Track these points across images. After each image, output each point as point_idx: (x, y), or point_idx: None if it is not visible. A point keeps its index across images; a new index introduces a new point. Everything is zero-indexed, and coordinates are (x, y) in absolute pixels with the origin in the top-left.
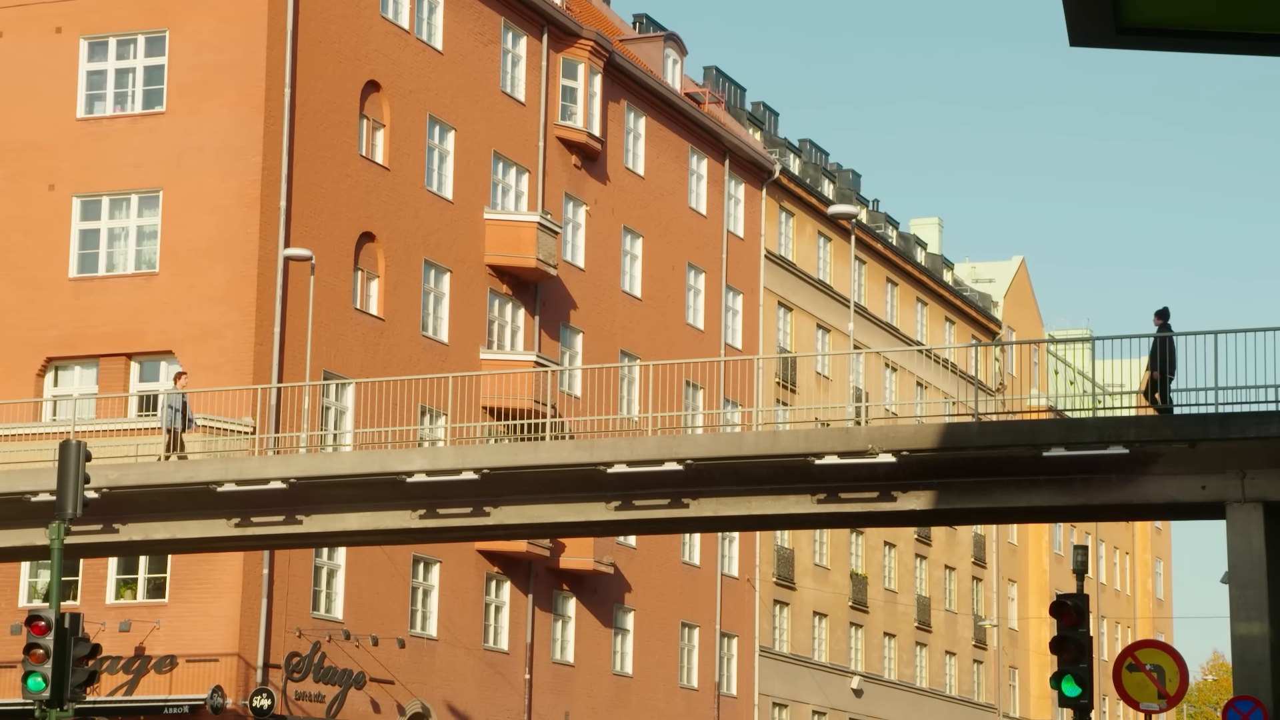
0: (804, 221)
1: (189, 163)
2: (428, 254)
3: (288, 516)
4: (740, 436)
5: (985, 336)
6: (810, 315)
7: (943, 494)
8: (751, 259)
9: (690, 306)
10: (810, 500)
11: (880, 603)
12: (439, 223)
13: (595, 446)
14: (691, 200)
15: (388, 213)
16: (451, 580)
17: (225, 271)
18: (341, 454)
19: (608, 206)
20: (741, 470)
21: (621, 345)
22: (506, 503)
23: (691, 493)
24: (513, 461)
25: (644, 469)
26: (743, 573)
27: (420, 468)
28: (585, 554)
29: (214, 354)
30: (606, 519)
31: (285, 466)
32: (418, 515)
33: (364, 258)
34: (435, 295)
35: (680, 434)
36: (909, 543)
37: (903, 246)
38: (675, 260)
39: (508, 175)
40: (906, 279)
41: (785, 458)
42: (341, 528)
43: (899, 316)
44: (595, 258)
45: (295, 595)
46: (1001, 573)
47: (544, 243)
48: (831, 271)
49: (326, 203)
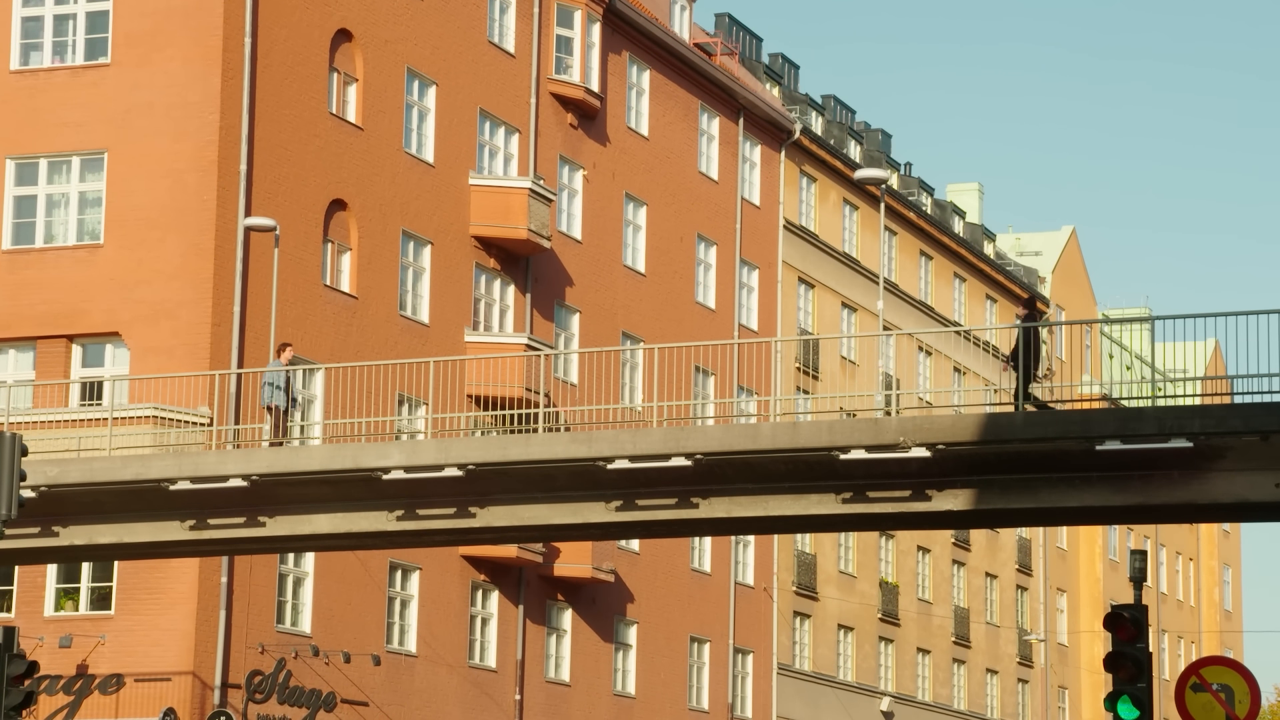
0: (827, 188)
1: (137, 121)
2: (406, 224)
3: (249, 518)
4: (756, 428)
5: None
6: (834, 293)
7: (983, 493)
8: (768, 230)
9: (700, 283)
10: (834, 500)
11: (913, 615)
12: (418, 189)
13: (594, 439)
14: (701, 164)
15: (361, 178)
16: (433, 589)
17: (178, 243)
18: (309, 448)
19: (607, 171)
20: (757, 466)
21: (623, 326)
22: (494, 502)
23: (701, 491)
24: (501, 456)
25: (648, 465)
26: (759, 581)
27: (398, 463)
28: (583, 560)
29: (166, 336)
30: (606, 520)
31: (246, 462)
32: (395, 517)
33: (334, 228)
34: (414, 270)
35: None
36: (945, 547)
37: (938, 215)
38: (683, 231)
39: (495, 136)
40: (943, 252)
41: (806, 452)
42: (309, 530)
43: (934, 294)
44: (594, 228)
45: (257, 606)
46: (1049, 581)
47: (536, 211)
48: (858, 244)
49: (292, 166)
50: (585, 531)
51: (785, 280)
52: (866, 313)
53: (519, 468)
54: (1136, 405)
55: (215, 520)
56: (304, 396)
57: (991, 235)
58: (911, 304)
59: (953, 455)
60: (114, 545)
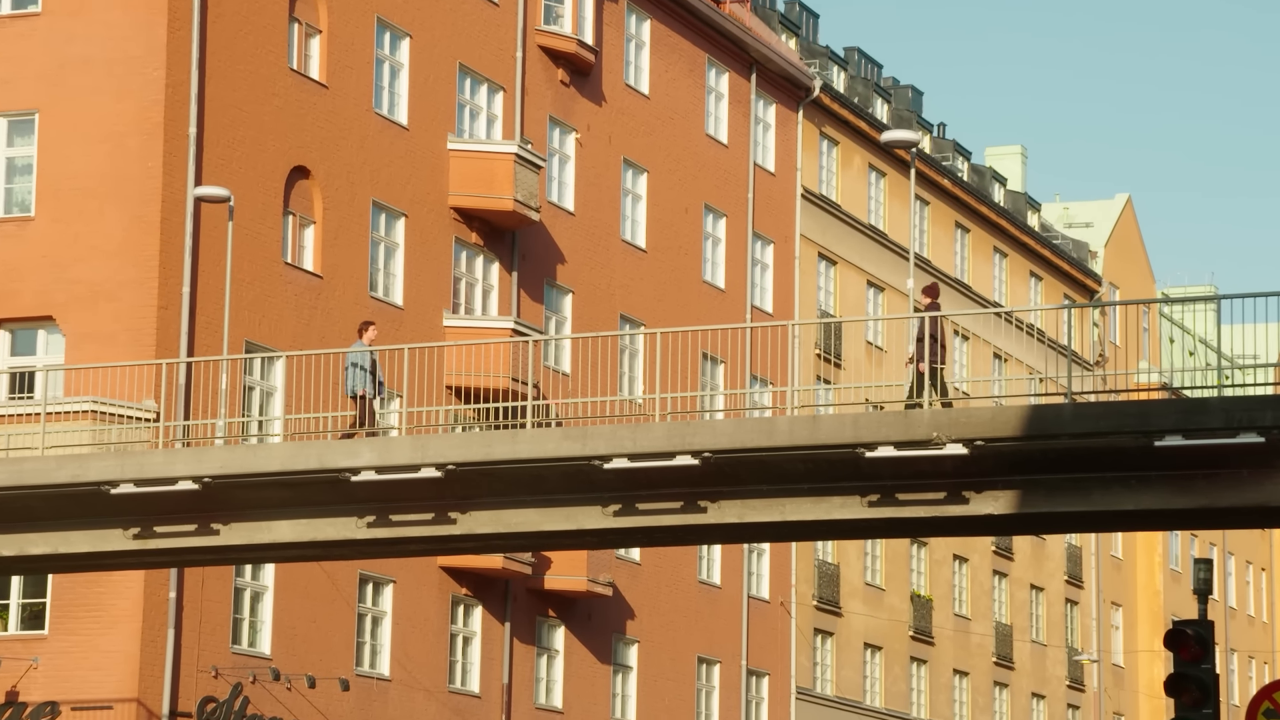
0: (851, 152)
1: (72, 78)
2: (377, 194)
3: (201, 525)
4: (771, 423)
5: (1081, 296)
6: (859, 270)
7: (1028, 494)
8: (785, 200)
9: (708, 260)
10: (860, 503)
11: (949, 632)
12: (390, 155)
13: (589, 436)
14: (709, 126)
15: (326, 142)
16: (408, 605)
17: (119, 216)
18: (269, 446)
19: (603, 134)
20: (773, 465)
21: (621, 309)
22: (477, 507)
23: (710, 494)
24: (485, 455)
25: (650, 464)
26: (775, 595)
27: (368, 463)
28: (577, 571)
29: (106, 320)
30: (603, 526)
31: (197, 462)
32: (365, 523)
33: (296, 199)
34: (386, 246)
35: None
36: (985, 556)
37: (976, 183)
38: (689, 201)
39: (477, 95)
40: (981, 224)
41: (828, 449)
42: (269, 539)
43: (972, 271)
44: (588, 199)
45: (210, 625)
46: (1103, 594)
47: (523, 180)
48: (886, 215)
49: (248, 129)
50: (580, 539)
51: (804, 256)
52: (895, 292)
53: (505, 468)
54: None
55: (162, 528)
56: (261, 388)
57: (1036, 205)
58: (946, 282)
59: (993, 452)
60: (48, 556)
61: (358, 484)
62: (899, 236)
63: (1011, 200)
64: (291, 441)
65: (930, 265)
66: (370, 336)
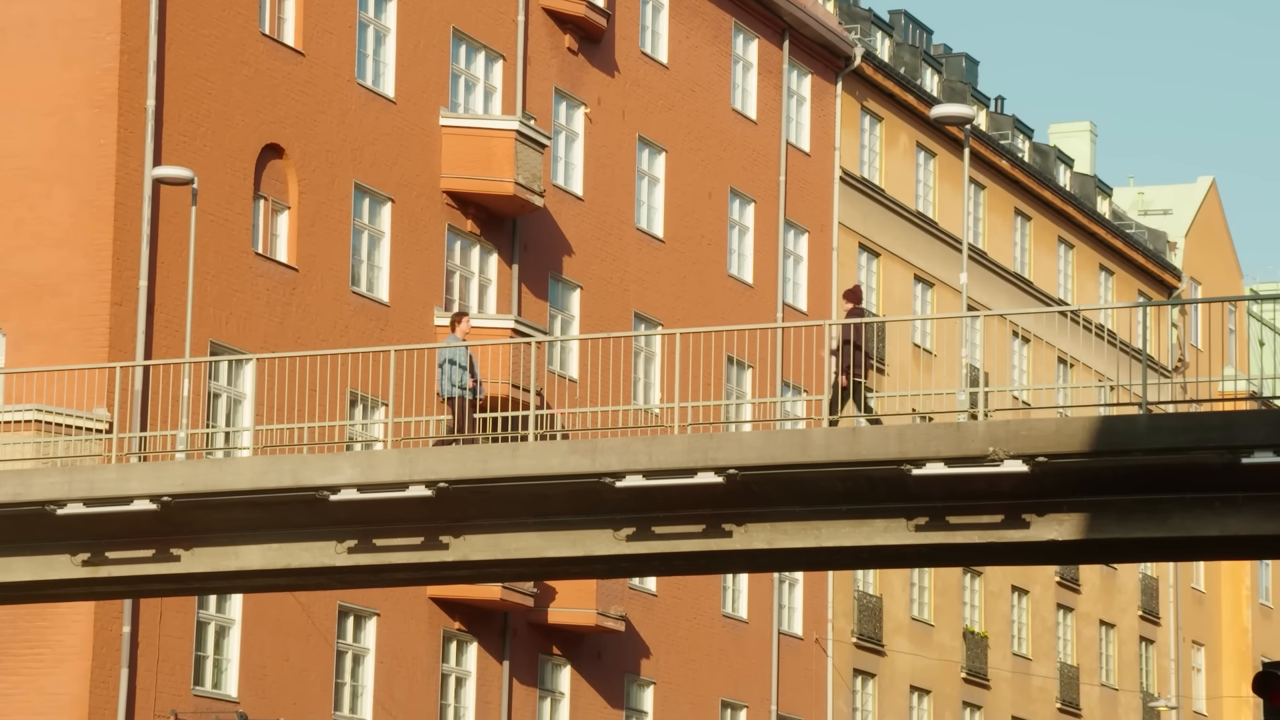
0: (896, 129)
1: (14, 43)
2: (360, 176)
3: (159, 550)
4: (805, 436)
5: (1159, 293)
6: (905, 263)
7: (1096, 518)
8: (821, 183)
9: (734, 251)
10: (905, 527)
11: (1007, 674)
12: (375, 131)
13: (599, 450)
14: (736, 99)
15: (302, 117)
16: (394, 641)
17: (68, 200)
18: (237, 461)
19: (616, 108)
20: (807, 484)
21: (636, 306)
22: (472, 530)
23: (736, 516)
24: (481, 471)
25: (668, 481)
26: (810, 631)
27: (349, 480)
28: (585, 603)
29: (52, 318)
30: (615, 553)
31: (155, 479)
32: (345, 548)
33: (269, 181)
34: (370, 235)
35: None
36: (1048, 588)
37: (1039, 164)
38: (712, 185)
39: (473, 63)
40: (1044, 211)
41: (870, 466)
42: (236, 566)
43: (1033, 264)
44: (598, 182)
45: (169, 663)
46: (1183, 632)
47: (525, 160)
48: (936, 201)
49: (214, 102)
50: (588, 567)
51: (842, 247)
52: (946, 289)
53: (504, 486)
54: None
55: (115, 553)
56: (229, 395)
57: (1107, 189)
58: (1004, 277)
59: (1057, 470)
60: None
61: (337, 504)
62: (950, 225)
63: (1079, 184)
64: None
65: (986, 258)
66: (465, 329)
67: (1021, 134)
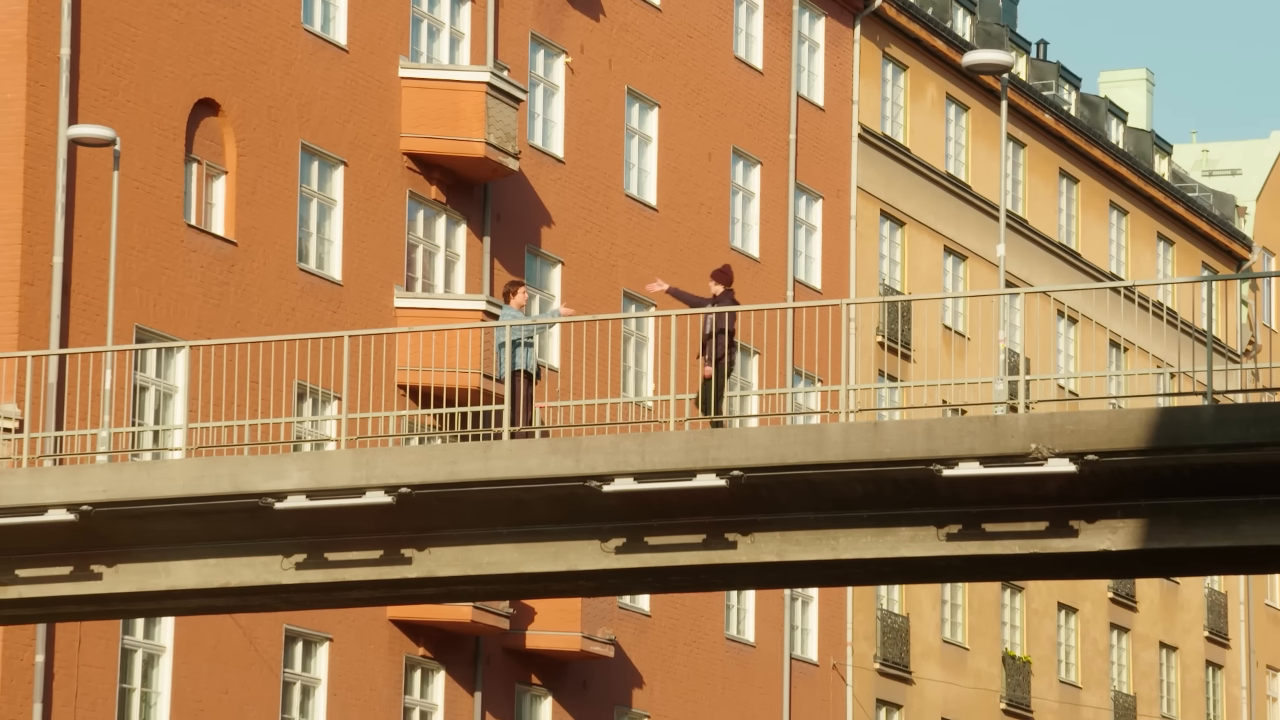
0: (923, 79)
1: None
2: (307, 135)
3: (77, 568)
4: (820, 432)
5: (1227, 265)
6: (934, 233)
7: (1155, 525)
8: (837, 142)
9: (738, 220)
10: (935, 536)
11: (1053, 704)
12: (325, 84)
13: (583, 449)
14: (738, 46)
15: (240, 68)
16: (349, 670)
17: None
18: (167, 463)
19: (602, 57)
20: (822, 487)
21: (626, 284)
22: (439, 541)
23: (741, 524)
24: (449, 475)
25: (663, 485)
26: (826, 656)
27: (297, 485)
28: (568, 625)
29: None
30: (602, 567)
31: (73, 485)
32: (293, 563)
33: (202, 142)
34: (321, 204)
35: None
36: (1100, 606)
37: (1088, 118)
38: (712, 144)
39: (437, 5)
40: (1094, 171)
41: (895, 466)
42: (167, 584)
43: (1081, 234)
44: (582, 142)
45: (90, 697)
46: (1255, 655)
47: (498, 117)
48: (969, 161)
49: (139, 51)
50: (572, 583)
51: (862, 215)
52: (981, 262)
53: (474, 491)
54: None
55: (26, 571)
56: (158, 388)
57: (1167, 147)
58: (1048, 248)
59: (1109, 470)
60: None
61: (283, 512)
62: (986, 189)
63: (1134, 141)
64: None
65: (1027, 226)
66: (521, 300)
67: (1067, 84)
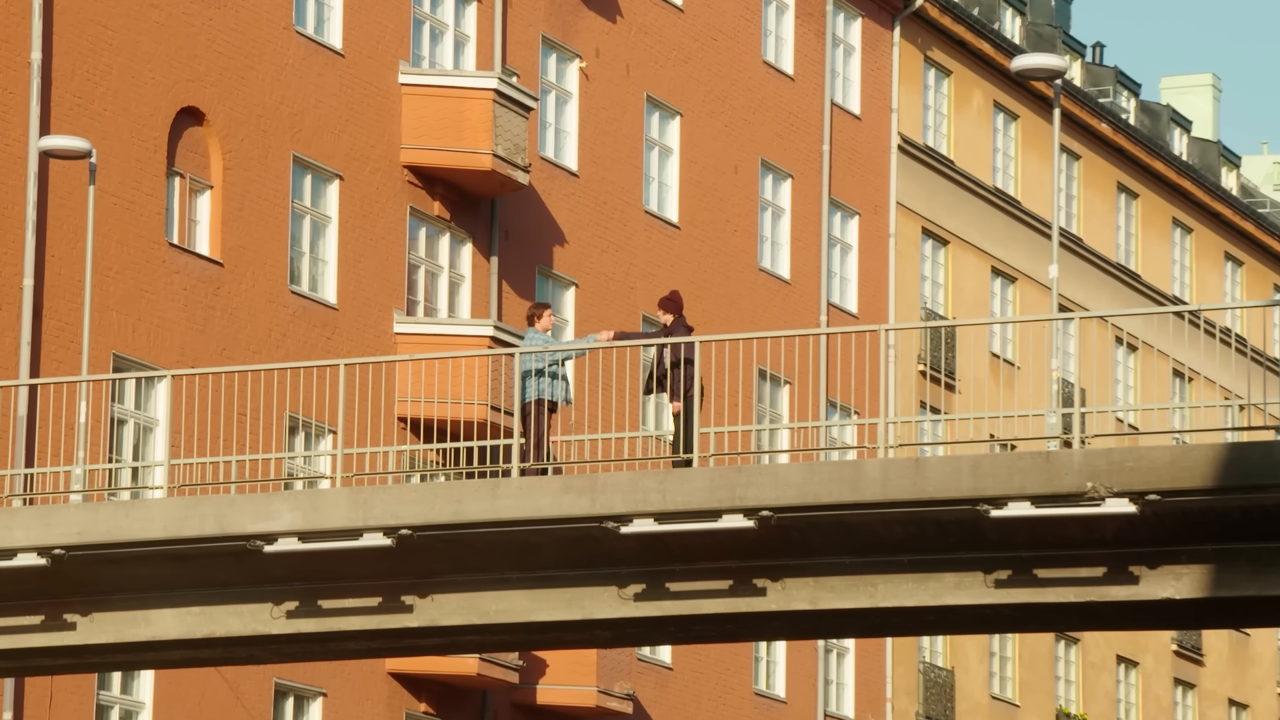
0: (968, 85)
1: None
2: (299, 147)
3: (49, 616)
4: (857, 469)
5: None
6: (980, 253)
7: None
8: (875, 154)
9: (766, 239)
10: (982, 582)
11: None
12: (319, 91)
13: (599, 487)
14: (768, 50)
15: (227, 74)
16: None
17: None
18: (147, 503)
19: (619, 62)
20: (859, 529)
21: (645, 308)
22: (443, 588)
23: (770, 569)
24: (454, 515)
25: (686, 526)
26: (864, 713)
27: (288, 527)
28: (583, 678)
29: None
30: (620, 615)
31: (44, 526)
32: (284, 612)
33: (185, 153)
34: (315, 221)
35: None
36: (1163, 659)
37: (1148, 128)
38: (739, 157)
39: (440, 6)
40: (1155, 186)
41: (938, 506)
42: (146, 635)
43: (1141, 253)
44: (598, 154)
45: None
46: None
47: (506, 127)
48: (1019, 175)
49: (116, 55)
50: (587, 633)
51: (901, 233)
52: (1032, 284)
53: (481, 533)
54: None
55: None
56: (137, 421)
57: (1235, 159)
58: (1105, 269)
59: (1173, 511)
60: None
61: (273, 556)
62: (1037, 205)
63: (1199, 153)
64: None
65: (1082, 244)
66: (546, 324)
67: (1126, 90)
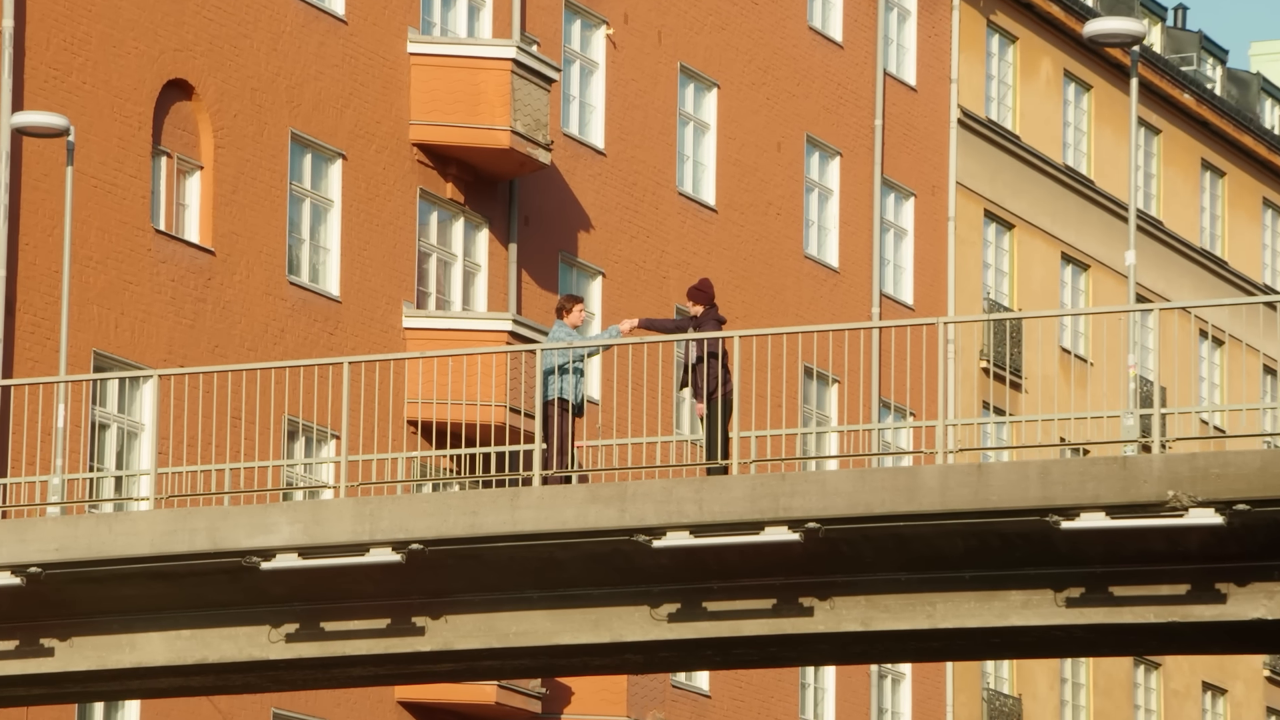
0: (1036, 52)
1: None
2: (298, 124)
3: (25, 641)
4: (913, 476)
5: None
6: (1049, 238)
7: None
8: (933, 129)
9: (812, 223)
10: (1052, 601)
11: None
12: (320, 62)
13: (629, 497)
14: (814, 15)
15: (219, 43)
16: None
17: None
18: (132, 516)
19: (650, 28)
20: (916, 542)
21: (679, 300)
22: (457, 608)
23: (819, 586)
24: (469, 529)
25: (725, 540)
26: None
27: (287, 541)
28: (612, 707)
29: None
30: (653, 638)
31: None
32: (283, 635)
33: (173, 131)
34: (316, 205)
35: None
36: (1254, 686)
37: (1236, 99)
38: (783, 133)
39: None
40: (1244, 163)
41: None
42: (132, 662)
43: (1227, 237)
44: (626, 130)
45: None
46: None
47: (527, 101)
48: (1091, 151)
49: (96, 23)
50: (616, 658)
51: (962, 217)
52: (1106, 272)
53: (499, 547)
54: None
55: None
56: (121, 426)
57: None
58: (1187, 255)
59: (1264, 522)
60: None
61: (271, 574)
62: (1112, 185)
63: None
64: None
65: (1161, 228)
66: (576, 319)
67: (1212, 58)
